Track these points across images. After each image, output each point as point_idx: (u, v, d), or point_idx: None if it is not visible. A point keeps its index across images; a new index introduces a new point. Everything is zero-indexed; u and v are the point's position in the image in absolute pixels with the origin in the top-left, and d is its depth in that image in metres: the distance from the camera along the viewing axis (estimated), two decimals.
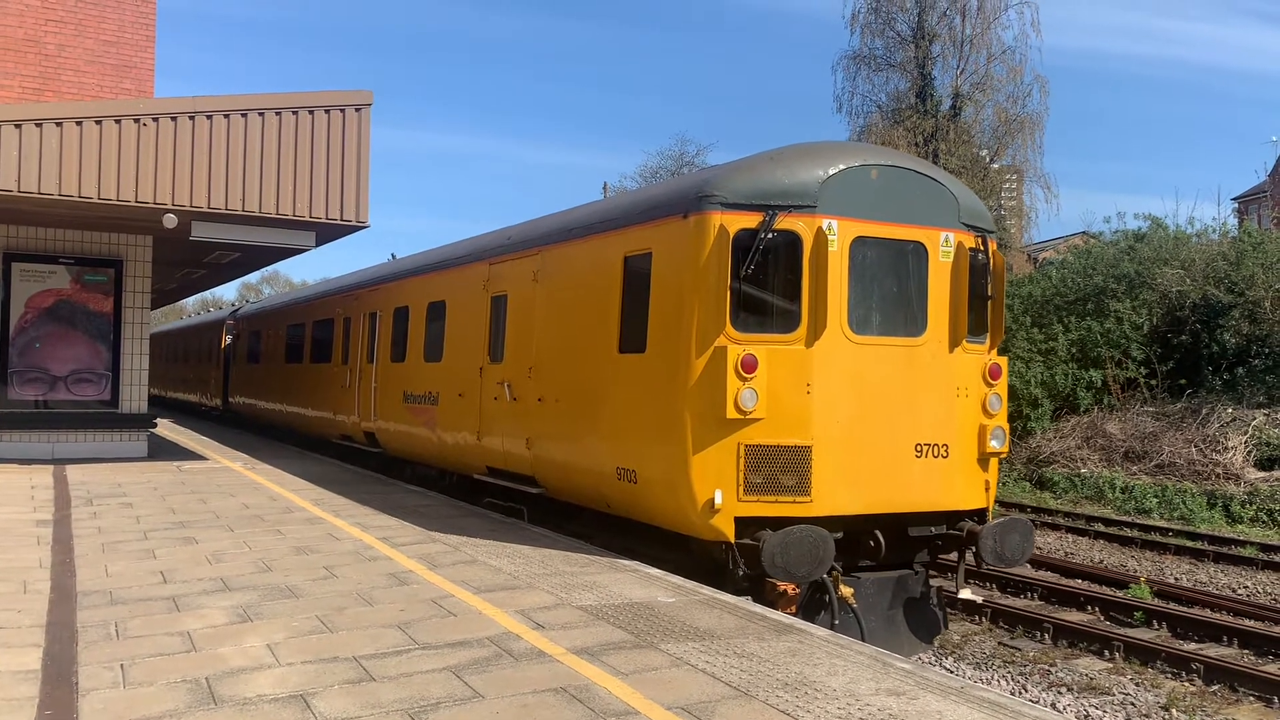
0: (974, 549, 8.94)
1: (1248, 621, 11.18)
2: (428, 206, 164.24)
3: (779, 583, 8.22)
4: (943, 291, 8.92)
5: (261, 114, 13.91)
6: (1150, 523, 18.23)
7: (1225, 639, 10.57)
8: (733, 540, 8.29)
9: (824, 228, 8.40)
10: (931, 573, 9.62)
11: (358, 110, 14.43)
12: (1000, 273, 9.36)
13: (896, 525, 8.84)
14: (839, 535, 8.29)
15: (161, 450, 18.36)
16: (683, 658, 6.01)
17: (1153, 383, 23.67)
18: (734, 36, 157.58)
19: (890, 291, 8.82)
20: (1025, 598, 12.56)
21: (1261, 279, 22.80)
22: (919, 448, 8.69)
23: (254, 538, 9.76)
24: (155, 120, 13.35)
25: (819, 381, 8.35)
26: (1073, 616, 11.55)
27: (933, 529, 9.03)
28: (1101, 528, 17.69)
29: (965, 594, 10.14)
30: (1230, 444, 20.32)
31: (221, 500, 12.28)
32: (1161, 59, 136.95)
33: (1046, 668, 9.79)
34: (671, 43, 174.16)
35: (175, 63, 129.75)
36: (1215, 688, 9.17)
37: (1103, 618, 11.64)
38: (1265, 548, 15.59)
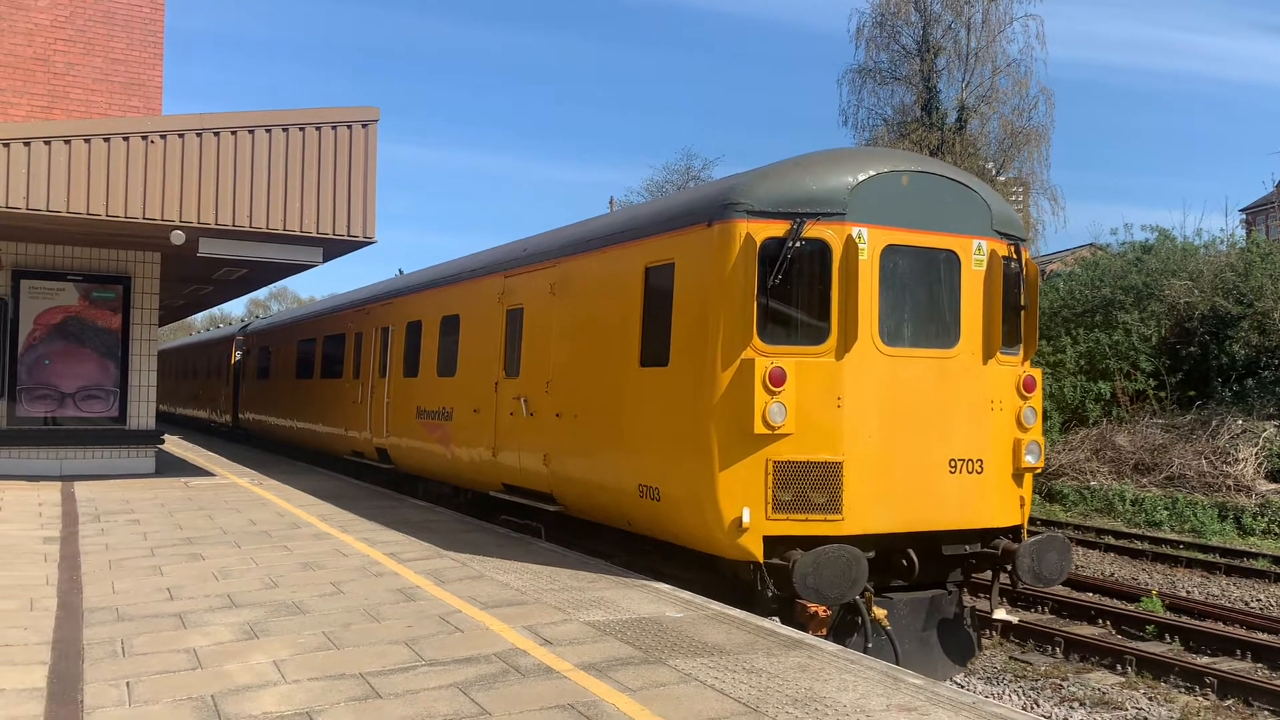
0: (1010, 568, 8.66)
1: (1262, 635, 11.09)
2: (430, 222, 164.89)
3: (810, 604, 7.94)
4: (976, 301, 8.66)
5: (269, 130, 13.95)
6: (1161, 535, 18.13)
7: (1239, 653, 10.49)
8: (761, 560, 8.03)
9: (854, 236, 8.16)
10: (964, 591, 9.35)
11: (364, 126, 14.47)
12: (1033, 282, 9.09)
13: (930, 543, 8.58)
14: (871, 554, 8.00)
15: (169, 467, 18.38)
16: (691, 674, 5.97)
17: (1162, 394, 23.59)
18: (739, 52, 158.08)
19: (922, 302, 8.55)
20: (1036, 611, 12.47)
21: (1270, 290, 22.72)
22: (953, 463, 8.40)
23: (261, 554, 9.74)
24: (163, 137, 13.40)
25: (850, 395, 8.08)
26: (1084, 630, 11.46)
27: (967, 547, 8.76)
28: (1112, 540, 17.58)
29: (1000, 614, 9.77)
30: (1241, 456, 20.21)
31: (229, 516, 12.27)
32: (1167, 71, 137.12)
33: (1058, 682, 9.70)
34: (676, 59, 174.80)
35: (183, 81, 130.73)
36: (1229, 702, 9.09)
37: (1114, 631, 11.56)
38: (1278, 560, 15.48)
